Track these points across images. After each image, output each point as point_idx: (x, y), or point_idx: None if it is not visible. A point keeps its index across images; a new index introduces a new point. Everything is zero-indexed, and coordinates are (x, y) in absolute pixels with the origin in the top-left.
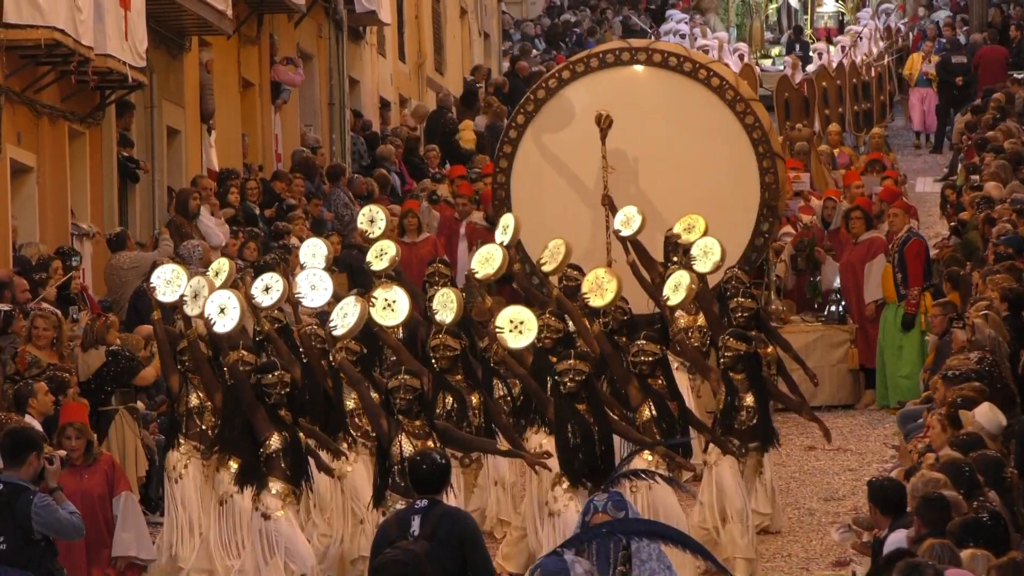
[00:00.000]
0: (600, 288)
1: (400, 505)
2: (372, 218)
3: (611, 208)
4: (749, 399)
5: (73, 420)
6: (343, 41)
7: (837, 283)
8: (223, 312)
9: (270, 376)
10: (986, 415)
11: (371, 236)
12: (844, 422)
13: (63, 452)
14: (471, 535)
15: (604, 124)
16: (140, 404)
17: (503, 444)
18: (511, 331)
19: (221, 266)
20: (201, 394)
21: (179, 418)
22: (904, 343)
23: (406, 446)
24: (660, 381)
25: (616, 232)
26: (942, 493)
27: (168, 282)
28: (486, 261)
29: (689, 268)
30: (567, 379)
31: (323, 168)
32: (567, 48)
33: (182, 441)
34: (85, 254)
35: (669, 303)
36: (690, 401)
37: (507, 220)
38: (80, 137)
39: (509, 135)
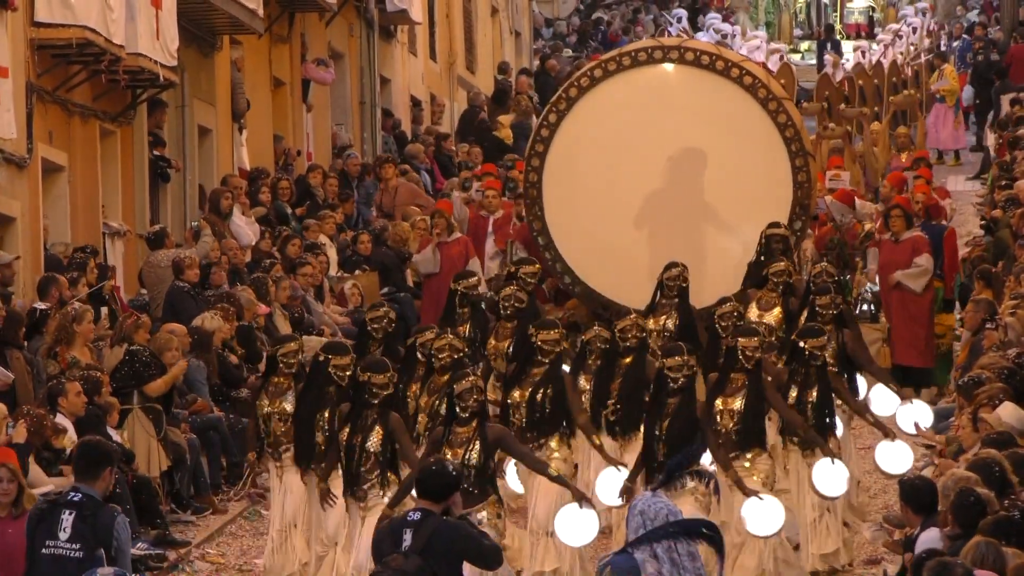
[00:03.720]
0: None
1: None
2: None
3: None
4: (813, 395)
5: (5, 461)
6: (374, 40)
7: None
8: None
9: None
10: (1011, 414)
11: None
12: None
13: None
14: (465, 541)
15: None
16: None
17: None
18: None
19: None
20: (272, 401)
21: (259, 424)
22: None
23: (447, 454)
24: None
25: None
26: (976, 491)
27: None
28: None
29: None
30: (680, 375)
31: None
32: (599, 47)
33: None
34: (116, 253)
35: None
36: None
37: None
38: (111, 136)
39: (541, 134)
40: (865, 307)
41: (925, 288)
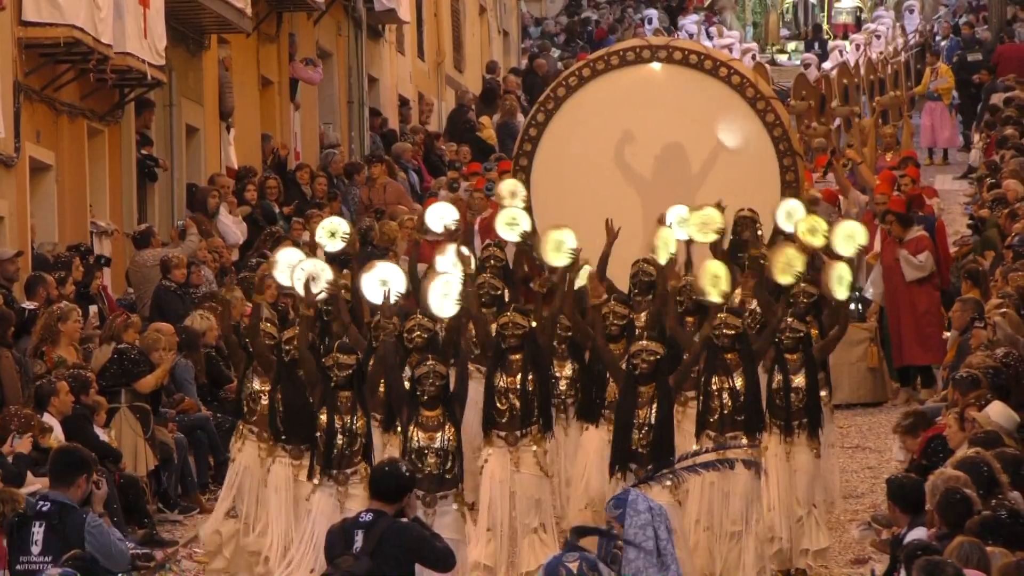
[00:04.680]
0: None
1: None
2: (333, 231)
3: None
4: (799, 380)
5: None
6: (362, 39)
7: (864, 280)
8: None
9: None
10: (999, 413)
11: (328, 250)
12: (863, 420)
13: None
14: (416, 543)
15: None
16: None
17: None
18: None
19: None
20: (262, 379)
21: (241, 402)
22: None
23: (419, 437)
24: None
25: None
26: (963, 491)
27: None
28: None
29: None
30: (639, 360)
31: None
32: (586, 46)
33: (241, 426)
34: (104, 252)
35: (837, 296)
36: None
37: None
38: (99, 135)
39: (529, 133)
40: (853, 306)
41: (919, 282)
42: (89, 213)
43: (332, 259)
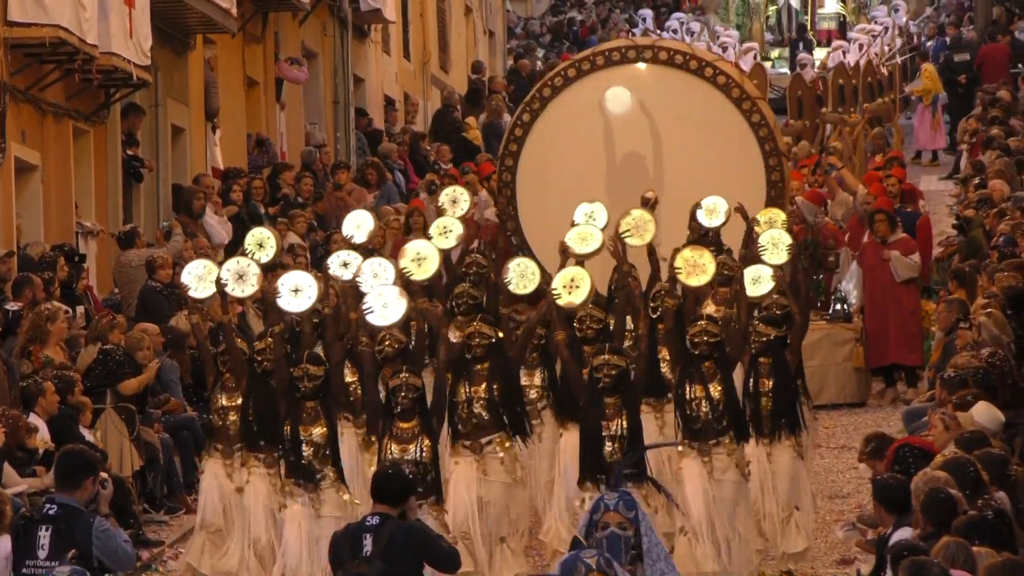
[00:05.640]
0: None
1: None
2: (261, 242)
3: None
4: (769, 383)
5: None
6: (348, 39)
7: (846, 284)
8: (297, 292)
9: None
10: (984, 413)
11: (261, 261)
12: (849, 420)
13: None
14: (424, 544)
15: (652, 206)
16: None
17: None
18: (566, 290)
19: (264, 237)
20: (229, 396)
21: (210, 418)
22: None
23: (393, 448)
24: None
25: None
26: (948, 491)
27: (200, 278)
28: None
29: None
30: (602, 374)
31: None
32: (571, 46)
33: (208, 443)
34: (89, 252)
35: (750, 294)
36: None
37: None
38: (84, 135)
39: (515, 134)
40: (839, 307)
41: (906, 283)
42: (75, 213)
43: (267, 268)
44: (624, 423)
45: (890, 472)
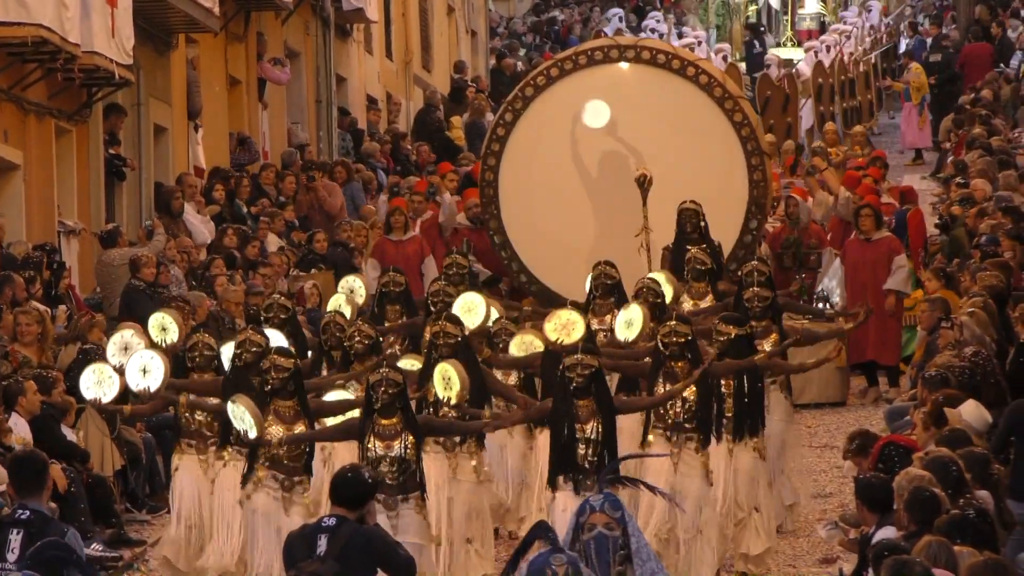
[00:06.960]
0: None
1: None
2: (164, 326)
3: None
4: (733, 385)
5: None
6: (330, 39)
7: (828, 281)
8: (145, 373)
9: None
10: (971, 412)
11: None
12: (831, 419)
13: None
14: (383, 548)
15: (646, 185)
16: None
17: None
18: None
19: (167, 322)
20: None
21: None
22: None
23: (376, 445)
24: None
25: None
26: (932, 490)
27: (99, 383)
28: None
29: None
30: (574, 374)
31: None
32: (554, 45)
33: (180, 442)
34: (71, 252)
35: (620, 337)
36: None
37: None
38: (67, 135)
39: (497, 133)
40: (821, 305)
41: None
42: (57, 212)
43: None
44: (600, 427)
45: (875, 470)
